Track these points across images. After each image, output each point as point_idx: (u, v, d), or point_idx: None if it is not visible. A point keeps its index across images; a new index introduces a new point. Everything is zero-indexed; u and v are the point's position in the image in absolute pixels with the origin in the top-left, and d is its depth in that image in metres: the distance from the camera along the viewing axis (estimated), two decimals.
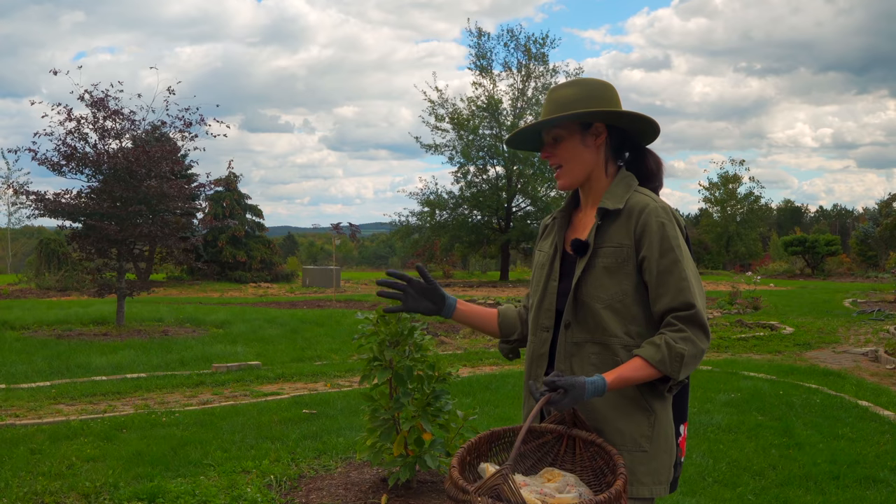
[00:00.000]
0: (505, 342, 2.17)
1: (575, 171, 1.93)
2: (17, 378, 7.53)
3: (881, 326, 12.04)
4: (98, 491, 4.10)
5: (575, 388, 1.67)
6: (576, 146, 1.92)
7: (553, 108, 1.92)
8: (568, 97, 1.91)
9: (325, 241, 56.83)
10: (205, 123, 12.34)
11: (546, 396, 1.66)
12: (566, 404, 1.68)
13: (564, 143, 1.93)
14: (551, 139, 1.94)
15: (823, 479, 4.39)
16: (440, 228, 29.63)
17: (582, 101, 1.90)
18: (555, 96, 1.94)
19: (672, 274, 1.80)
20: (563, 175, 1.94)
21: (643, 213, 1.84)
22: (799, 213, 65.93)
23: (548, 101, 1.95)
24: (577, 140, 1.92)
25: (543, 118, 1.93)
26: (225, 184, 28.18)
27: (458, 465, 1.65)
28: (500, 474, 1.50)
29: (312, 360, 8.97)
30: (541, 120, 1.93)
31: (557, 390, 1.67)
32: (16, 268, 35.97)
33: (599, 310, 1.83)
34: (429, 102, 29.53)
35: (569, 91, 1.93)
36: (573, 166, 1.93)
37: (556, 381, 1.67)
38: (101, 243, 11.47)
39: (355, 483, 4.22)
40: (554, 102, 1.93)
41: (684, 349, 1.75)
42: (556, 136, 1.94)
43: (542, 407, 1.66)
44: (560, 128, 1.93)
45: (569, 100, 1.91)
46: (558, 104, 1.91)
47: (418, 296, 2.01)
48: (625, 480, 1.59)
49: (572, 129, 1.92)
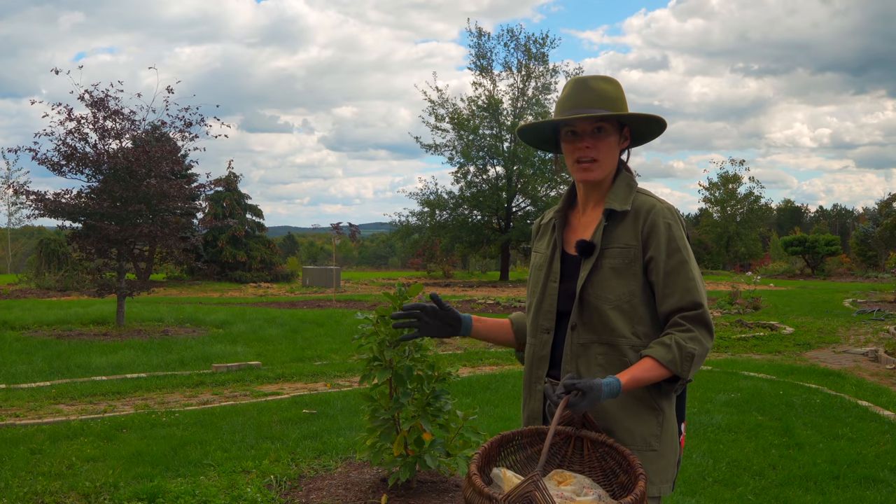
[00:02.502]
0: (522, 350, 2.14)
1: (606, 167, 1.91)
2: (17, 378, 7.53)
3: (881, 326, 12.04)
4: (98, 491, 4.10)
5: (592, 390, 1.67)
6: (613, 145, 1.91)
7: (595, 99, 1.87)
8: (610, 93, 1.89)
9: (325, 241, 56.79)
10: (205, 124, 12.34)
11: (565, 399, 1.65)
12: (584, 406, 1.67)
13: (608, 139, 1.90)
14: (594, 129, 1.89)
15: (823, 479, 4.39)
16: (440, 228, 29.60)
17: (620, 102, 1.89)
18: (593, 87, 1.89)
19: (679, 274, 1.81)
20: (596, 169, 1.90)
21: (650, 214, 1.85)
22: (799, 213, 65.98)
23: (583, 90, 1.89)
24: (615, 139, 1.92)
25: (582, 107, 1.87)
26: (225, 184, 28.18)
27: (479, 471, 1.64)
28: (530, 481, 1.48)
29: (312, 360, 8.96)
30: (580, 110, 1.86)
31: (575, 392, 1.67)
32: (16, 268, 35.99)
33: (607, 311, 1.83)
34: (429, 102, 29.54)
35: (608, 87, 1.90)
36: (606, 163, 1.91)
37: (574, 384, 1.67)
38: (101, 243, 11.46)
39: (355, 483, 4.22)
40: (594, 93, 1.88)
41: (694, 349, 1.76)
42: (602, 128, 1.89)
43: (563, 410, 1.64)
44: (607, 122, 1.89)
45: (611, 97, 1.88)
46: (600, 98, 1.87)
47: (433, 321, 2.02)
48: (645, 481, 1.59)
49: (614, 127, 1.91)
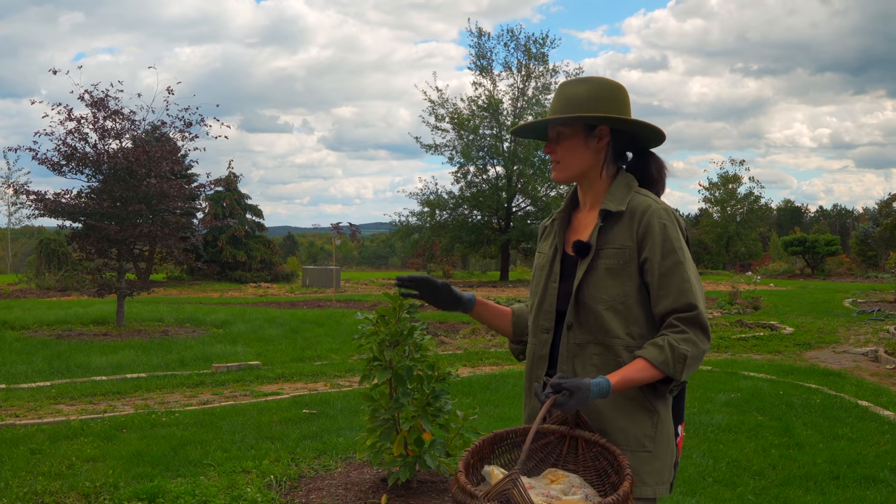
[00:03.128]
0: (517, 342, 2.17)
1: (571, 167, 1.95)
2: (17, 378, 7.53)
3: (881, 326, 12.03)
4: (98, 491, 4.10)
5: (580, 389, 1.67)
6: (577, 146, 1.93)
7: (562, 104, 1.92)
8: (577, 95, 1.91)
9: (325, 241, 56.83)
10: (205, 124, 12.34)
11: (552, 398, 1.66)
12: (571, 406, 1.67)
13: (567, 141, 1.94)
14: (555, 134, 1.96)
15: (823, 479, 4.39)
16: (440, 228, 29.61)
17: (591, 102, 1.90)
18: (565, 92, 1.94)
19: (674, 275, 1.80)
20: (559, 170, 1.97)
21: (645, 215, 1.85)
22: (799, 213, 65.96)
23: (557, 96, 1.96)
24: (580, 140, 1.93)
25: (552, 114, 1.94)
26: (225, 184, 28.18)
27: (465, 468, 1.64)
28: (509, 478, 1.48)
29: (312, 360, 8.96)
30: (548, 117, 1.94)
31: (562, 392, 1.67)
32: (16, 268, 35.99)
33: (601, 311, 1.83)
34: (429, 102, 29.56)
35: (580, 89, 1.92)
36: (570, 164, 1.95)
37: (561, 383, 1.67)
38: (101, 243, 11.47)
39: (355, 483, 4.22)
40: (563, 98, 1.93)
41: (687, 350, 1.75)
42: (560, 132, 1.95)
43: (548, 409, 1.65)
44: (565, 126, 1.93)
45: (578, 98, 1.91)
46: (567, 101, 1.92)
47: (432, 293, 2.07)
48: (631, 481, 1.59)
49: (576, 128, 1.93)
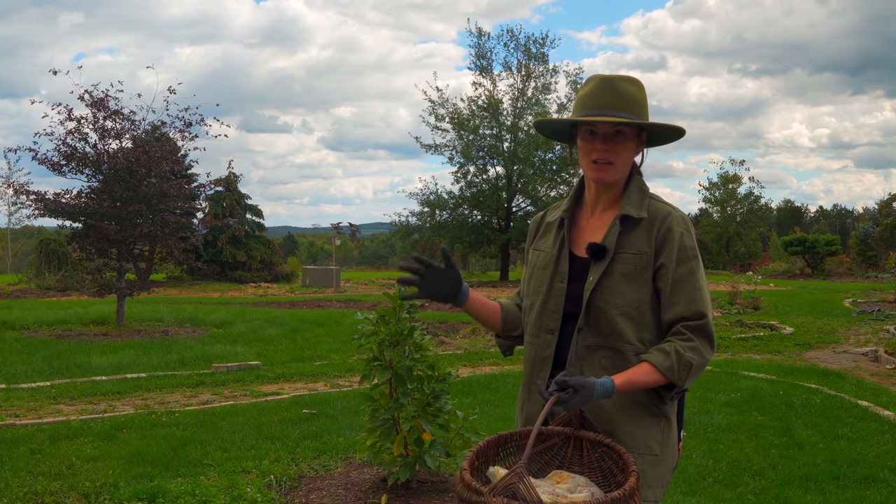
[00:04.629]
0: (506, 338, 2.13)
1: (620, 170, 1.90)
2: (17, 378, 7.53)
3: (881, 326, 12.03)
4: (98, 491, 4.10)
5: (584, 388, 1.66)
6: (630, 148, 1.89)
7: (620, 100, 1.84)
8: (634, 96, 1.87)
9: (325, 241, 56.83)
10: (204, 124, 12.34)
11: (555, 396, 1.65)
12: (575, 404, 1.67)
13: (627, 142, 1.88)
14: (614, 132, 1.86)
15: (823, 479, 4.39)
16: (440, 228, 29.61)
17: (644, 106, 1.88)
18: (618, 89, 1.86)
19: (687, 283, 1.80)
20: (612, 172, 1.88)
21: (665, 221, 1.84)
22: (799, 213, 65.96)
23: (610, 92, 1.86)
24: (634, 143, 1.90)
25: (607, 108, 1.84)
26: (225, 184, 28.18)
27: (469, 468, 1.64)
28: (514, 473, 1.48)
29: (312, 360, 8.96)
30: (608, 113, 1.83)
31: (567, 390, 1.66)
32: (16, 268, 36.00)
33: (615, 316, 1.81)
34: (429, 102, 29.53)
35: (632, 89, 1.87)
36: (622, 166, 1.89)
37: (566, 381, 1.66)
38: (101, 243, 11.46)
39: (355, 483, 4.22)
40: (619, 97, 1.85)
41: (693, 359, 1.75)
42: (621, 132, 1.87)
43: (551, 406, 1.64)
44: (628, 126, 1.86)
45: (635, 100, 1.86)
46: (625, 101, 1.85)
47: (436, 280, 1.94)
48: (637, 477, 1.58)
49: (634, 132, 1.88)
